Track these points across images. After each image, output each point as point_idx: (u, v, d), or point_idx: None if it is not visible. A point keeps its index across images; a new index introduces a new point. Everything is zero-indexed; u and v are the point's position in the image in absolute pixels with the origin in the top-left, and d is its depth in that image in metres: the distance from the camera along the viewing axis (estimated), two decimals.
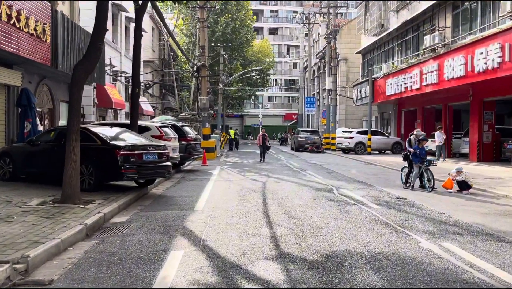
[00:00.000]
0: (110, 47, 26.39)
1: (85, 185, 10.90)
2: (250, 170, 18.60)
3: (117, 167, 10.60)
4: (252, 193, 11.73)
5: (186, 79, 48.77)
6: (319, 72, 54.99)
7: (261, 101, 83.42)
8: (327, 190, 12.35)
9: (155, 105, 38.64)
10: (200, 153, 19.33)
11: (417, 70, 25.67)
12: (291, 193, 11.74)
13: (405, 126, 35.14)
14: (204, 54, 25.76)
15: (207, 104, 25.91)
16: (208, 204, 10.04)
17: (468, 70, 20.10)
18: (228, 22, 44.72)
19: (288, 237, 6.92)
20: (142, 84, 35.07)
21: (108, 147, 10.87)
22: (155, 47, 40.30)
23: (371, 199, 10.74)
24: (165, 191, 12.30)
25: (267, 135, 24.96)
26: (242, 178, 15.56)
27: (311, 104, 44.87)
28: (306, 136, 36.14)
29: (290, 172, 17.77)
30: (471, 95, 24.22)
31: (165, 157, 11.75)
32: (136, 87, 14.28)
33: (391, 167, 20.79)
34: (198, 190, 12.33)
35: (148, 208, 9.67)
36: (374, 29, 34.35)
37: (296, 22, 59.98)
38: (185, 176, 16.16)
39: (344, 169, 19.54)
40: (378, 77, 32.76)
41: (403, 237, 6.99)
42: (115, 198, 10.06)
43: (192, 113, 32.31)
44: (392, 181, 15.20)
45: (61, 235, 6.47)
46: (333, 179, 15.46)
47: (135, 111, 14.28)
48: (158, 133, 15.36)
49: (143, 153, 11.14)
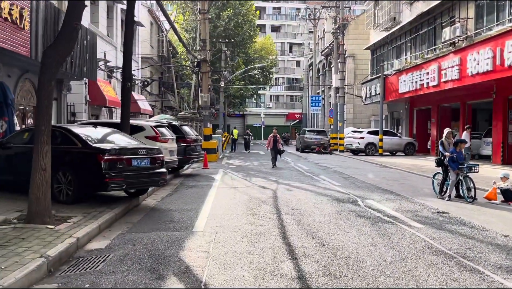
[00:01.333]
0: (105, 41, 24.55)
1: (62, 196, 9.07)
2: (256, 175, 16.73)
3: (100, 175, 8.75)
4: (262, 206, 9.87)
5: (186, 76, 46.87)
6: (324, 70, 53.08)
7: (263, 100, 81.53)
8: (351, 202, 10.48)
9: (154, 104, 36.79)
10: (200, 155, 17.46)
11: (435, 66, 23.77)
12: (309, 206, 9.87)
13: (417, 126, 33.32)
14: (205, 48, 23.86)
15: (208, 102, 24.03)
16: (210, 221, 8.18)
17: (497, 64, 18.21)
18: (231, 17, 42.80)
19: (322, 278, 5.06)
20: (140, 82, 33.27)
21: (90, 151, 9.02)
22: (153, 43, 38.45)
23: (408, 215, 8.88)
24: (159, 202, 10.44)
25: (279, 136, 21.09)
26: (249, 185, 13.68)
27: (317, 103, 42.99)
28: (313, 136, 34.22)
29: (301, 177, 15.90)
30: (494, 92, 22.35)
31: (159, 163, 9.88)
32: (128, 81, 12.40)
33: (410, 171, 18.94)
34: (198, 201, 10.47)
35: (136, 227, 7.81)
36: (385, 23, 32.43)
37: (301, 18, 58.04)
38: (184, 182, 14.31)
39: (360, 174, 17.67)
40: (390, 74, 30.85)
41: (479, 278, 5.12)
42: (97, 213, 8.21)
43: (192, 112, 30.43)
44: (420, 188, 13.32)
45: (5, 280, 4.61)
46: (352, 186, 13.59)
47: (126, 108, 12.42)
48: (153, 133, 13.49)
49: (133, 158, 9.27)
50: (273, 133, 20.63)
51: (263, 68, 57.31)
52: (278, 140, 20.43)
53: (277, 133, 20.78)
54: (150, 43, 36.75)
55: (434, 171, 19.08)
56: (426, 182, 14.99)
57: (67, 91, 19.05)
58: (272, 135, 20.49)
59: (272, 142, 20.21)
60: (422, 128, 33.07)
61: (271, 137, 20.41)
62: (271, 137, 20.42)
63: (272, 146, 20.18)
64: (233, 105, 61.86)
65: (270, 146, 20.30)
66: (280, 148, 20.41)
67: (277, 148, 20.26)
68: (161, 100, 40.49)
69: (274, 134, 20.49)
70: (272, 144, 20.21)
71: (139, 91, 33.23)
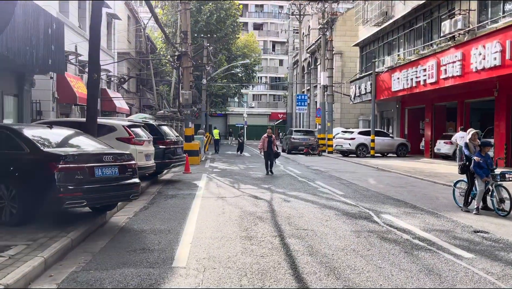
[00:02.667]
0: (76, 33, 22.40)
1: (5, 216, 7.10)
2: (245, 181, 14.84)
3: (53, 188, 6.81)
4: (259, 224, 8.00)
5: (166, 74, 44.65)
6: (310, 68, 51.43)
7: (245, 99, 79.61)
8: (364, 217, 8.68)
9: (131, 103, 34.58)
10: (182, 159, 15.50)
11: (433, 62, 22.22)
12: (315, 224, 8.04)
13: (409, 126, 31.86)
14: (186, 41, 21.84)
15: (190, 100, 22.03)
16: (195, 249, 6.29)
17: (507, 58, 16.67)
18: (212, 11, 40.74)
19: None
20: (116, 78, 31.09)
21: (41, 158, 7.05)
22: (131, 38, 36.23)
23: (442, 237, 7.12)
24: (131, 219, 8.49)
25: (274, 137, 17.80)
26: (238, 194, 11.80)
27: (303, 102, 41.22)
28: (300, 137, 32.40)
29: (296, 184, 14.07)
30: (497, 90, 20.88)
31: (130, 171, 7.94)
32: (95, 72, 10.41)
33: (412, 175, 17.31)
34: (179, 217, 8.56)
35: (97, 259, 5.87)
36: (376, 18, 30.85)
37: (286, 14, 56.37)
38: (163, 190, 12.36)
39: (359, 179, 15.94)
40: (382, 71, 29.27)
41: None
42: (47, 240, 6.26)
43: (172, 110, 28.37)
44: (435, 198, 11.62)
45: None
46: (356, 195, 11.82)
47: (93, 105, 10.42)
48: (126, 134, 11.50)
49: (96, 167, 7.32)
50: (267, 133, 17.45)
51: (246, 66, 55.40)
52: (273, 141, 17.29)
53: (272, 133, 17.68)
54: (127, 38, 34.57)
55: (437, 176, 17.72)
56: (437, 189, 13.37)
57: (30, 87, 16.85)
58: (266, 136, 17.33)
59: (267, 143, 17.10)
60: (414, 128, 31.63)
61: (265, 137, 17.25)
62: (265, 138, 17.25)
63: (267, 148, 17.09)
64: (215, 104, 59.77)
65: (264, 149, 17.16)
66: (276, 150, 17.42)
67: (272, 151, 17.22)
68: (139, 99, 38.27)
69: (268, 134, 17.35)
70: (266, 146, 17.12)
71: (115, 88, 31.04)
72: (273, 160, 17.47)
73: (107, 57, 27.31)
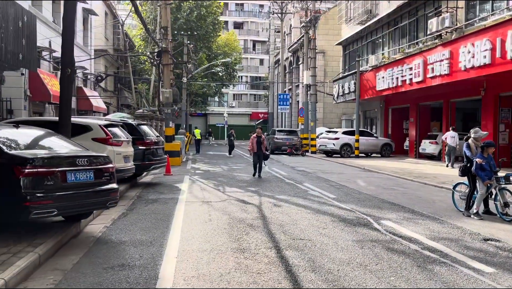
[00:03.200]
0: (50, 28, 21.36)
1: None
2: (230, 184, 14.09)
3: (18, 196, 5.96)
4: (250, 233, 7.28)
5: (145, 72, 43.54)
6: (291, 67, 50.96)
7: (226, 99, 78.77)
8: (364, 224, 8.04)
9: (109, 102, 33.45)
10: (163, 160, 14.66)
11: (419, 60, 21.83)
12: (312, 232, 7.36)
13: (393, 125, 31.57)
14: (167, 37, 20.94)
15: (170, 98, 21.15)
16: (182, 265, 5.54)
17: (497, 56, 16.32)
18: (193, 8, 39.78)
19: None
20: (93, 76, 29.98)
21: (4, 161, 6.18)
22: (108, 35, 35.06)
23: (453, 246, 6.51)
24: (109, 228, 7.68)
25: (264, 137, 16.40)
26: (224, 198, 11.05)
27: (285, 102, 40.60)
28: (284, 137, 31.77)
29: (284, 187, 13.39)
30: (484, 89, 20.61)
31: (107, 176, 7.13)
32: (68, 66, 9.53)
33: (401, 176, 16.84)
34: (162, 226, 7.79)
35: (69, 279, 5.08)
36: (360, 16, 30.45)
37: (267, 12, 55.74)
38: (143, 194, 11.53)
39: (348, 180, 15.36)
40: (366, 70, 28.84)
41: None
42: (10, 256, 5.44)
43: (152, 109, 27.38)
44: (431, 201, 11.07)
45: None
46: (349, 198, 11.20)
47: (66, 102, 9.55)
48: (102, 134, 10.64)
49: (69, 171, 6.50)
50: (256, 133, 16.13)
51: (227, 65, 54.60)
52: (263, 141, 15.93)
53: (261, 133, 16.33)
54: (104, 35, 33.41)
55: (427, 177, 17.12)
56: (430, 191, 12.88)
57: None
58: (255, 135, 16.05)
59: (256, 144, 15.82)
60: (398, 128, 31.33)
61: (254, 138, 15.98)
62: (253, 138, 15.99)
63: (256, 149, 15.78)
64: (195, 103, 58.75)
65: (254, 150, 15.87)
66: (265, 152, 15.98)
67: (261, 152, 15.83)
68: (117, 98, 37.13)
69: (258, 134, 16.03)
70: (255, 146, 15.82)
71: (91, 86, 29.92)
72: (262, 162, 16.08)
73: (83, 54, 26.22)
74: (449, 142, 20.78)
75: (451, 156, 20.71)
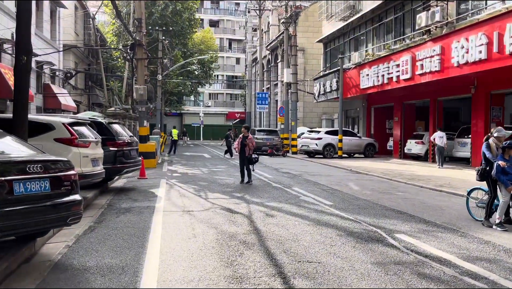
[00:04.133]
0: (12, 18, 19.53)
1: None
2: (212, 188, 12.73)
3: None
4: (245, 253, 5.99)
5: (118, 69, 41.66)
6: (270, 65, 49.83)
7: (202, 98, 77.18)
8: (377, 239, 6.84)
9: (79, 100, 31.61)
10: (137, 163, 13.22)
11: (407, 57, 20.90)
12: (320, 251, 6.11)
13: (375, 125, 30.74)
14: (141, 30, 19.44)
15: (145, 96, 19.65)
16: None
17: (494, 51, 15.43)
18: (168, 3, 38.17)
19: None
20: (62, 73, 28.18)
21: None
22: (78, 30, 33.18)
23: (495, 270, 5.37)
24: (71, 248, 6.27)
25: (251, 138, 14.02)
26: (208, 206, 9.72)
27: (264, 101, 39.42)
28: (264, 137, 30.52)
29: (272, 192, 12.13)
30: (474, 87, 19.83)
31: (67, 185, 5.74)
32: (24, 54, 8.04)
33: (392, 178, 15.86)
34: (136, 245, 6.42)
35: None
36: (342, 12, 29.45)
37: (244, 9, 54.47)
38: (114, 203, 10.10)
39: (339, 183, 14.23)
40: (349, 68, 27.84)
41: None
42: None
43: (124, 107, 25.75)
44: (438, 208, 9.99)
45: None
46: (348, 206, 10.02)
47: (22, 96, 8.06)
48: (67, 134, 9.16)
49: (16, 180, 5.10)
50: (243, 133, 14.10)
51: (203, 64, 53.11)
52: (248, 143, 13.66)
53: (248, 133, 14.19)
54: (74, 29, 31.55)
55: (420, 179, 15.92)
56: (432, 196, 11.87)
57: None
58: (242, 135, 14.09)
59: (240, 145, 13.84)
60: (381, 128, 30.52)
61: (240, 138, 14.10)
62: (239, 139, 14.09)
63: (240, 151, 13.90)
64: (170, 103, 56.99)
65: (238, 152, 14.23)
66: (252, 156, 13.73)
67: (245, 156, 13.72)
68: (88, 96, 35.27)
69: (244, 135, 13.99)
70: (239, 148, 13.93)
71: (60, 84, 28.11)
72: (248, 166, 13.82)
73: (50, 48, 24.45)
74: (437, 143, 20.01)
75: (440, 156, 19.95)
